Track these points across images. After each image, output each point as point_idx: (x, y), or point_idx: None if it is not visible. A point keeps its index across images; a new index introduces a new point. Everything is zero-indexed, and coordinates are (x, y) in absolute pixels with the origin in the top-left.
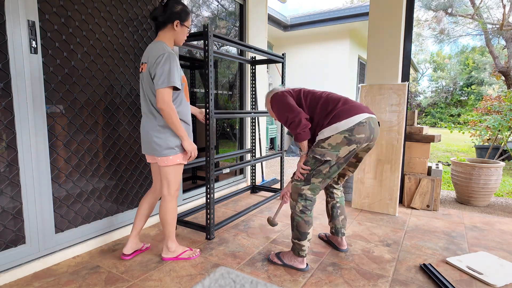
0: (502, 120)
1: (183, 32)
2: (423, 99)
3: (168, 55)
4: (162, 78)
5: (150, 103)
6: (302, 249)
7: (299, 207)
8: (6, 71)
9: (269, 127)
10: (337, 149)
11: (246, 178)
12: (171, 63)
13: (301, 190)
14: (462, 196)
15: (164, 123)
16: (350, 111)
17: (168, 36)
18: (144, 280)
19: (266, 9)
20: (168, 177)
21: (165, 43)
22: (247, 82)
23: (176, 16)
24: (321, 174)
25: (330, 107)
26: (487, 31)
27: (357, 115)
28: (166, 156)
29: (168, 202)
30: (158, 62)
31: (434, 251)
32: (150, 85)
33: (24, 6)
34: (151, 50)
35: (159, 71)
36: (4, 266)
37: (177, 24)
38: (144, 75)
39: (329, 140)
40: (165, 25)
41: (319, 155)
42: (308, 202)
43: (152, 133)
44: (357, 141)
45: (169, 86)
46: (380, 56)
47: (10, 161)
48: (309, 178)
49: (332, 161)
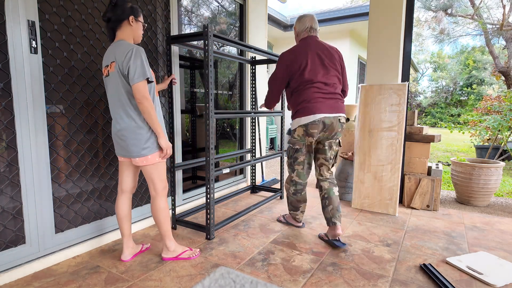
0: (502, 120)
1: (139, 27)
2: (423, 99)
3: (137, 49)
4: (138, 72)
5: (125, 103)
6: (296, 216)
7: (291, 190)
8: (6, 71)
9: (269, 127)
10: (302, 139)
11: (246, 178)
12: (141, 57)
13: (292, 177)
14: (462, 196)
15: (140, 123)
16: (310, 110)
17: (126, 33)
18: (144, 280)
19: (266, 9)
20: (151, 177)
21: (126, 41)
22: (247, 82)
23: (129, 11)
24: (300, 162)
25: (300, 99)
26: (487, 31)
27: (313, 115)
28: (144, 156)
29: (157, 202)
30: (129, 57)
31: (434, 251)
32: (123, 84)
33: (24, 6)
34: (116, 49)
35: (132, 66)
36: (4, 266)
37: (132, 20)
38: (112, 76)
39: (296, 132)
40: (121, 22)
41: (292, 143)
42: (298, 186)
43: (128, 135)
44: (311, 134)
45: (145, 79)
46: (380, 56)
47: (10, 161)
48: (293, 166)
49: (302, 148)
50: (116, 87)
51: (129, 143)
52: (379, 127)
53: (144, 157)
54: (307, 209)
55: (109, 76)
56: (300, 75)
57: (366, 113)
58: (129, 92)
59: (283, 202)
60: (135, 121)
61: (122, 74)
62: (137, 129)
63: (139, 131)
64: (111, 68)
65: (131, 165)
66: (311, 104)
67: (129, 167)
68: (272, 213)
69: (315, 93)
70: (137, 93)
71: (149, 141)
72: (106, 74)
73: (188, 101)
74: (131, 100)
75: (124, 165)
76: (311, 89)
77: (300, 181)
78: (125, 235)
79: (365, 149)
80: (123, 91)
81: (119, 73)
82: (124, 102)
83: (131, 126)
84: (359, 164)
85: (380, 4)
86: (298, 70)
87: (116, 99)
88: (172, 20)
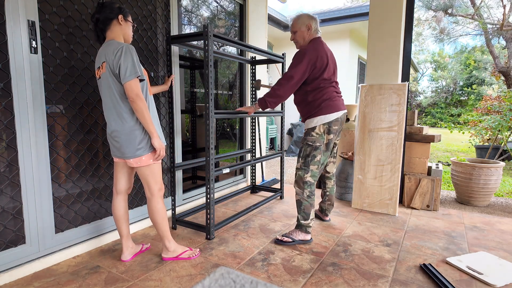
0: (502, 120)
1: (128, 27)
2: (423, 99)
3: (127, 47)
4: (129, 70)
5: (118, 104)
6: (308, 225)
7: (306, 193)
8: (6, 71)
9: (269, 127)
10: (322, 137)
11: (246, 178)
12: (132, 55)
13: (305, 178)
14: (462, 196)
15: (133, 124)
16: (334, 107)
17: (116, 33)
18: (144, 280)
19: (266, 9)
20: (146, 178)
21: (117, 40)
22: (247, 82)
23: (118, 11)
24: (316, 162)
25: (322, 97)
26: (487, 31)
27: (337, 112)
28: (138, 156)
29: (153, 203)
30: (118, 56)
31: (434, 251)
32: (115, 84)
33: (24, 6)
34: (106, 49)
35: (123, 64)
36: (4, 266)
37: (121, 19)
38: (104, 77)
39: (316, 129)
40: (110, 22)
41: (311, 142)
42: (312, 187)
43: (122, 136)
44: (334, 131)
45: (136, 77)
46: (380, 56)
47: (10, 161)
48: (308, 166)
49: (321, 146)
50: (108, 88)
51: (123, 144)
52: (379, 127)
53: (138, 158)
54: None
55: (101, 77)
56: (322, 73)
57: (366, 113)
58: (120, 92)
59: (283, 202)
60: (128, 122)
61: (113, 74)
62: (130, 130)
63: (132, 132)
64: (102, 68)
65: (125, 166)
66: (333, 102)
67: (124, 168)
68: (272, 213)
69: (334, 92)
70: (129, 91)
71: (143, 142)
72: (99, 76)
73: (188, 101)
74: (123, 100)
75: (119, 166)
76: (331, 88)
77: (313, 182)
78: (123, 236)
79: (365, 149)
80: (115, 91)
81: (110, 73)
82: (116, 103)
83: (124, 127)
84: (359, 164)
85: (380, 4)
86: (320, 68)
87: (108, 100)
88: (172, 20)
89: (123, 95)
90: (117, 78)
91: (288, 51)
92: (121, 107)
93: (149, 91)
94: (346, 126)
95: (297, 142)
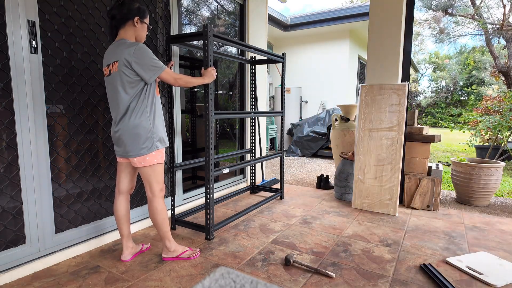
0: (502, 120)
1: (143, 29)
2: (423, 99)
3: (142, 45)
4: (154, 65)
5: (125, 103)
6: None
7: None
8: (6, 71)
9: (269, 127)
10: None
11: (246, 178)
12: (149, 52)
13: None
14: (462, 196)
15: (138, 123)
16: None
17: (129, 34)
18: (144, 280)
19: (266, 9)
20: (148, 178)
21: (129, 40)
22: (247, 82)
23: (135, 12)
24: None
25: None
26: (487, 31)
27: None
28: (142, 155)
29: (154, 204)
30: (137, 55)
31: (434, 251)
32: (123, 84)
33: (24, 6)
34: (119, 48)
35: (146, 61)
36: (4, 266)
37: (137, 21)
38: (114, 75)
39: None
40: (125, 22)
41: None
42: None
43: (127, 134)
44: None
45: (163, 70)
46: (380, 56)
47: (10, 161)
48: None
49: None
50: (116, 87)
51: (127, 143)
52: (379, 127)
53: (141, 157)
54: (307, 209)
55: (111, 75)
56: None
57: (366, 113)
58: (130, 91)
59: (283, 202)
60: (134, 121)
61: (129, 69)
62: (135, 129)
63: (137, 131)
64: (113, 67)
65: (129, 166)
66: None
67: (127, 168)
68: (272, 213)
69: None
70: (167, 80)
71: (147, 141)
72: (108, 73)
73: (188, 101)
74: (130, 100)
75: (122, 166)
76: None
77: None
78: (124, 236)
79: (365, 149)
80: (123, 91)
81: (121, 73)
82: (123, 102)
83: (129, 126)
84: (359, 164)
85: (380, 4)
86: None
87: (115, 98)
88: (172, 20)
89: (132, 94)
90: (128, 78)
91: (288, 51)
92: (128, 106)
93: (156, 91)
94: (346, 126)
95: (297, 142)
